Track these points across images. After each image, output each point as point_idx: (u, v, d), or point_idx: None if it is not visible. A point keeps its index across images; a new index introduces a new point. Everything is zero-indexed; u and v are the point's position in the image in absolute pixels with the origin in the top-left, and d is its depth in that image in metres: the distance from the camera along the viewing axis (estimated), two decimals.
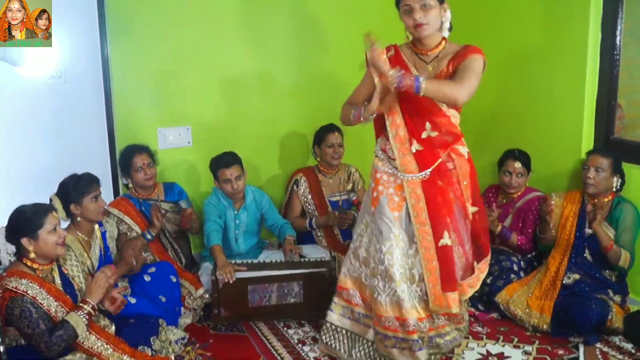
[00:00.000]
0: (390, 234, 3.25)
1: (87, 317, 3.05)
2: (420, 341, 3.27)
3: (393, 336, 3.29)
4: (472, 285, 3.34)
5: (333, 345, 3.56)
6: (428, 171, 3.20)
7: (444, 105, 3.15)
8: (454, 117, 3.25)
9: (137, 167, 4.26)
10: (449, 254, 3.23)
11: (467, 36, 4.82)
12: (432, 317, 3.34)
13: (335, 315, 3.56)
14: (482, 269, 3.40)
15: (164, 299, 3.81)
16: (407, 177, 3.22)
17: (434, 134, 3.18)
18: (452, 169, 3.24)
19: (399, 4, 3.11)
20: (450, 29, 3.17)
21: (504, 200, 4.39)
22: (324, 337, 3.61)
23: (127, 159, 4.28)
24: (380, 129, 3.36)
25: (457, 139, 3.24)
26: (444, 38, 3.18)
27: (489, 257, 3.43)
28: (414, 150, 3.20)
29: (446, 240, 3.21)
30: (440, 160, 3.20)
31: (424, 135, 3.20)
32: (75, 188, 3.55)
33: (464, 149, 3.29)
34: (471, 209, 3.30)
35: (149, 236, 4.08)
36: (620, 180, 3.91)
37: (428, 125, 3.18)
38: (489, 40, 4.81)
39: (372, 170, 3.41)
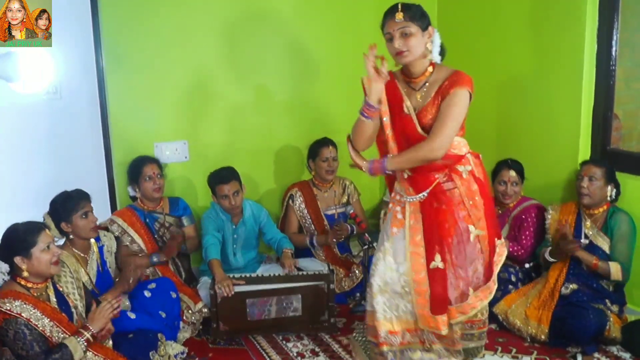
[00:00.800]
0: (381, 246, 3.27)
1: (85, 344, 3.03)
2: (391, 353, 3.24)
3: (375, 344, 3.31)
4: (463, 311, 3.18)
5: (361, 344, 3.62)
6: (424, 193, 3.12)
7: (421, 130, 3.06)
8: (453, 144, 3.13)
9: (147, 175, 4.28)
10: (440, 276, 3.12)
11: (466, 48, 4.87)
12: (417, 332, 3.26)
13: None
14: (481, 296, 3.22)
15: (164, 315, 3.80)
16: (407, 198, 3.18)
17: None
18: (452, 188, 3.11)
19: (383, 31, 3.03)
20: (442, 54, 3.07)
21: (500, 211, 4.39)
22: (355, 333, 3.70)
23: (138, 167, 4.32)
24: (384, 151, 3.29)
25: (456, 160, 3.12)
26: (432, 63, 3.05)
27: (490, 285, 3.23)
28: (406, 176, 3.17)
29: (437, 262, 3.11)
30: (436, 182, 3.11)
31: None
32: (64, 206, 3.55)
33: (464, 168, 3.14)
34: (475, 232, 3.13)
35: (155, 259, 4.10)
36: (615, 190, 3.92)
37: None
38: (486, 52, 4.86)
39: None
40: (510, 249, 4.21)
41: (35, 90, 4.20)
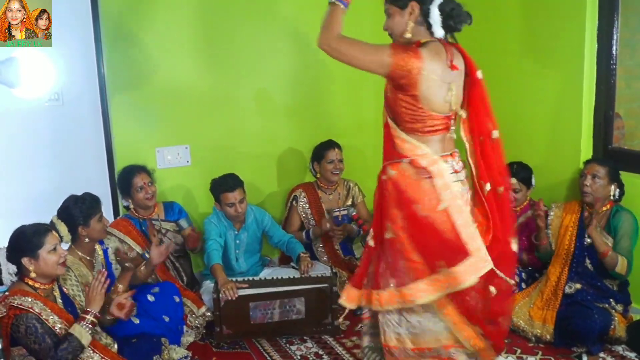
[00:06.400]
0: None
1: (90, 326, 3.07)
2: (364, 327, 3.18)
3: None
4: (381, 302, 2.88)
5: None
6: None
7: (393, 123, 2.86)
8: (399, 138, 2.85)
9: (138, 186, 4.25)
10: (368, 252, 3.00)
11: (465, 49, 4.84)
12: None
13: None
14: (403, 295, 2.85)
15: (167, 319, 3.79)
16: None
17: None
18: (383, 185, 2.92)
19: None
20: (449, 27, 2.84)
21: None
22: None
23: (127, 179, 4.28)
24: None
25: (395, 157, 2.87)
26: (417, 41, 2.80)
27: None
28: None
29: (369, 240, 3.00)
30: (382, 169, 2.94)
31: None
32: (82, 211, 3.54)
33: (391, 171, 2.87)
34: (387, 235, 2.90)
35: (147, 255, 4.07)
36: (618, 190, 3.91)
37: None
38: (486, 54, 4.85)
39: None
40: (529, 262, 4.25)
41: (37, 96, 4.21)
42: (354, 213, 4.76)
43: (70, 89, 4.32)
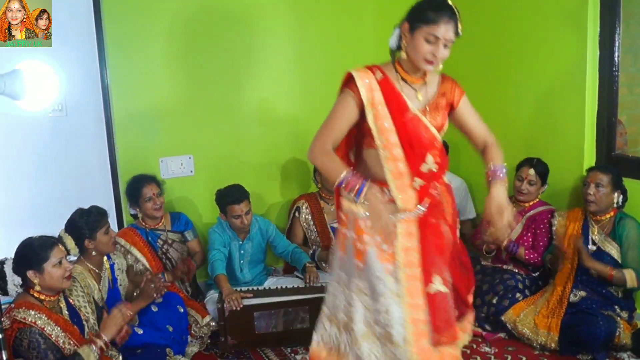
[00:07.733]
0: (385, 290, 2.75)
1: (99, 352, 3.06)
2: None
3: None
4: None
5: None
6: (425, 206, 2.78)
7: (436, 131, 2.80)
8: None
9: (147, 197, 4.26)
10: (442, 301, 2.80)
11: (468, 56, 4.88)
12: None
13: None
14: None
15: (171, 329, 3.79)
16: (403, 216, 2.75)
17: (435, 167, 2.79)
18: (439, 198, 2.85)
19: (420, 24, 2.62)
20: None
21: (515, 209, 4.38)
22: None
23: (137, 189, 4.28)
24: (356, 166, 2.94)
25: (447, 167, 2.94)
26: None
27: (472, 317, 3.02)
28: (417, 186, 2.77)
29: (437, 285, 2.77)
30: (430, 191, 2.81)
31: (424, 168, 2.77)
32: (88, 224, 3.55)
33: (445, 177, 2.93)
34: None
35: (162, 279, 4.05)
36: (621, 196, 3.90)
37: (430, 158, 2.77)
38: (488, 59, 4.85)
39: (349, 217, 2.84)
40: (527, 257, 4.21)
41: (41, 107, 4.22)
42: None
43: (73, 100, 4.34)
